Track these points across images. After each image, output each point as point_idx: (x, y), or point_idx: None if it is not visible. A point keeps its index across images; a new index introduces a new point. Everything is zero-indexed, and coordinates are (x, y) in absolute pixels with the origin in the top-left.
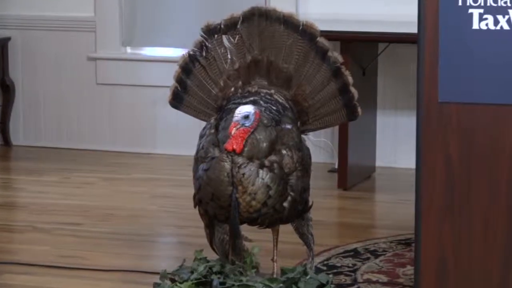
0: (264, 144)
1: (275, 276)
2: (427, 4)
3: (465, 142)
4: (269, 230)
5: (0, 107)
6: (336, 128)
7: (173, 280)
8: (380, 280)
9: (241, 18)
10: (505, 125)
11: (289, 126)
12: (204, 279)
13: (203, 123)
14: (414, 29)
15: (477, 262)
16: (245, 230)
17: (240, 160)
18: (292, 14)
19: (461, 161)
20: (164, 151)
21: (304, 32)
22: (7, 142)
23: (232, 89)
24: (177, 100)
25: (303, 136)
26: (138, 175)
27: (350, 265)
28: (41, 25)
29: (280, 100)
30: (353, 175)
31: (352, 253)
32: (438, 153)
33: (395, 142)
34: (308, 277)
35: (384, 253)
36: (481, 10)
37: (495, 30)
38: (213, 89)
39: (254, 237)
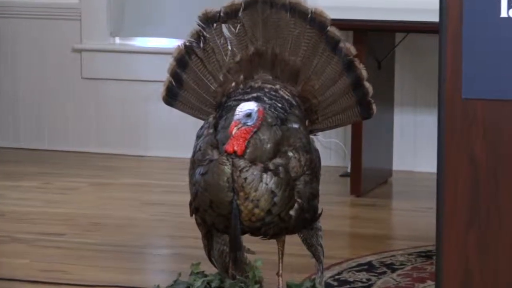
0: (268, 146)
1: None
2: None
3: (492, 143)
4: (273, 241)
5: None
6: (349, 127)
7: None
8: None
9: (243, 5)
10: None
11: (296, 126)
12: None
13: (201, 122)
14: (435, 17)
15: (506, 276)
16: (247, 241)
17: (241, 163)
18: (299, 1)
19: (488, 164)
20: (157, 153)
21: (313, 21)
22: None
23: (233, 84)
24: (172, 97)
25: (311, 136)
26: (128, 180)
27: (364, 280)
28: (19, 13)
29: (286, 97)
30: (368, 180)
31: (366, 266)
32: (462, 156)
33: (414, 143)
34: None
35: (402, 266)
36: None
37: None
38: (211, 84)
39: (257, 249)
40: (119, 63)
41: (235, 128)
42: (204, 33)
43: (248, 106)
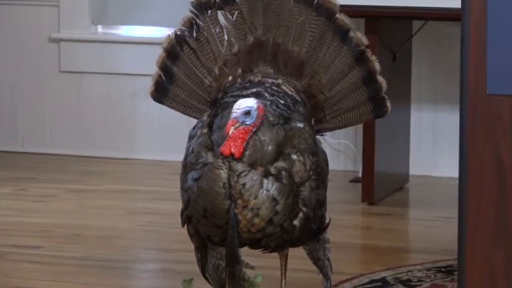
0: (270, 147)
1: None
2: None
3: None
4: (276, 254)
5: None
6: (360, 127)
7: None
8: None
9: None
10: None
11: (300, 125)
12: None
13: (194, 121)
14: (457, 3)
15: None
16: (246, 254)
17: (239, 167)
18: None
19: None
20: (145, 156)
21: (319, 7)
22: None
23: (230, 78)
24: (161, 92)
25: (318, 137)
26: (112, 186)
27: None
28: None
29: (290, 92)
30: (381, 186)
31: (379, 283)
32: (487, 158)
33: (433, 144)
34: None
35: (420, 283)
36: None
37: None
38: (206, 78)
39: (257, 263)
40: (102, 55)
41: (232, 127)
42: (198, 21)
43: (246, 103)
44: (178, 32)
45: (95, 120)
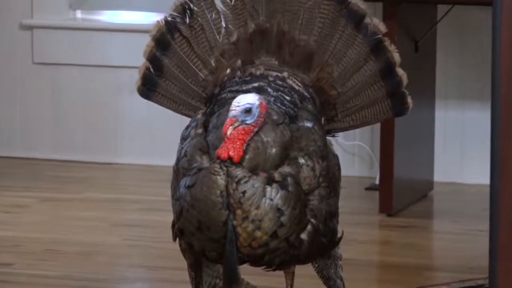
0: (273, 150)
1: None
2: None
3: None
4: (280, 272)
5: None
6: (377, 127)
7: None
8: None
9: None
10: None
11: (309, 124)
12: None
13: (187, 120)
14: None
15: None
16: (246, 272)
17: (239, 172)
18: None
19: None
20: (130, 160)
21: None
22: None
23: (228, 71)
24: (150, 87)
25: (329, 138)
26: (93, 195)
27: None
28: None
29: (297, 87)
30: (402, 194)
31: None
32: None
33: (461, 146)
34: None
35: None
36: None
37: None
38: (200, 71)
39: (259, 283)
40: (81, 44)
41: (230, 127)
42: (191, 5)
43: (247, 100)
44: (169, 18)
45: (74, 119)
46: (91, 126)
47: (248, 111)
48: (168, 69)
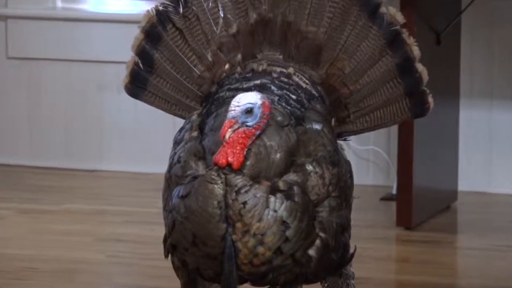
0: (278, 155)
1: None
2: None
3: None
4: None
5: None
6: (394, 130)
7: None
8: None
9: None
10: None
11: (317, 127)
12: None
13: (180, 121)
14: None
15: None
16: None
17: (239, 181)
18: None
19: None
20: (116, 167)
21: None
22: None
23: (227, 66)
24: (138, 85)
25: (340, 142)
26: (75, 206)
27: None
28: None
29: (304, 85)
30: (422, 205)
31: None
32: None
33: (488, 152)
34: None
35: None
36: None
37: None
38: (196, 66)
39: None
40: (61, 36)
41: (229, 130)
42: None
43: (248, 99)
44: (160, 8)
45: (53, 121)
46: (73, 129)
47: (249, 111)
48: (160, 65)
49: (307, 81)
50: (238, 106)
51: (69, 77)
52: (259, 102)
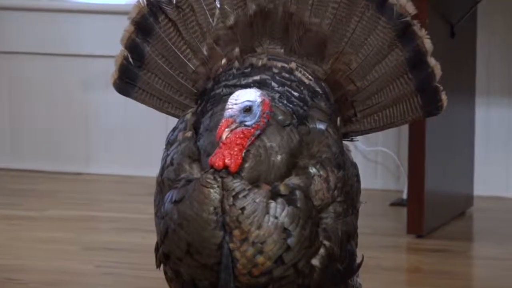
0: (279, 157)
1: None
2: None
3: None
4: None
5: None
6: (405, 130)
7: None
8: None
9: None
10: None
11: (322, 126)
12: None
13: (173, 120)
14: None
15: None
16: None
17: (236, 184)
18: None
19: None
20: (104, 170)
21: None
22: None
23: (223, 61)
24: (128, 81)
25: (346, 143)
26: (59, 212)
27: None
28: None
29: (307, 81)
30: (435, 211)
31: None
32: None
33: (507, 153)
34: None
35: None
36: None
37: None
38: (190, 61)
39: None
40: (44, 29)
41: (226, 129)
42: None
43: (246, 96)
44: None
45: (35, 120)
46: (57, 129)
47: (247, 110)
48: (151, 59)
49: (310, 77)
50: (235, 104)
51: (53, 73)
52: (259, 99)
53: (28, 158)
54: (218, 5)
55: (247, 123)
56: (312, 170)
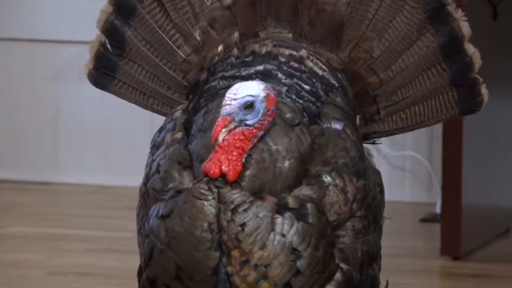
0: (286, 163)
1: None
2: None
3: None
4: None
5: None
6: (438, 131)
7: None
8: None
9: None
10: None
11: (338, 126)
12: None
13: (159, 119)
14: None
15: None
16: None
17: (235, 196)
18: None
19: None
20: (75, 179)
21: None
22: None
23: (220, 48)
24: (105, 71)
25: (367, 146)
26: (22, 229)
27: None
28: None
29: (320, 72)
30: (474, 229)
31: None
32: None
33: None
34: None
35: None
36: None
37: None
38: (179, 48)
39: None
40: (6, 11)
41: (223, 130)
42: None
43: (248, 90)
44: None
45: None
46: (20, 129)
47: (249, 106)
48: (133, 46)
49: (324, 67)
50: (234, 99)
51: (17, 62)
52: (262, 94)
53: None
54: None
55: (248, 122)
56: (327, 178)
